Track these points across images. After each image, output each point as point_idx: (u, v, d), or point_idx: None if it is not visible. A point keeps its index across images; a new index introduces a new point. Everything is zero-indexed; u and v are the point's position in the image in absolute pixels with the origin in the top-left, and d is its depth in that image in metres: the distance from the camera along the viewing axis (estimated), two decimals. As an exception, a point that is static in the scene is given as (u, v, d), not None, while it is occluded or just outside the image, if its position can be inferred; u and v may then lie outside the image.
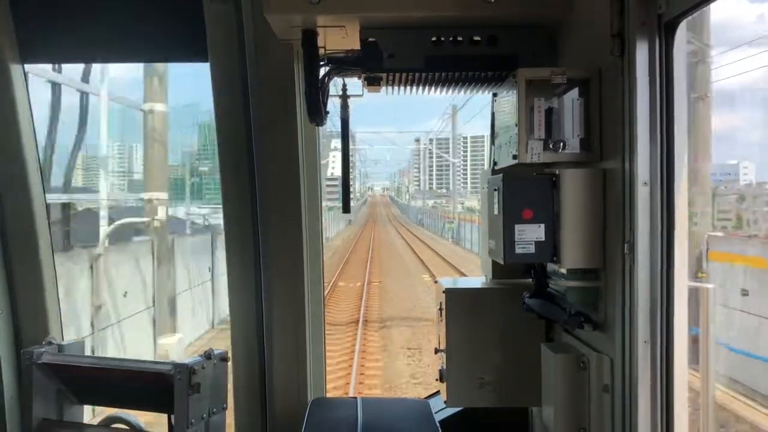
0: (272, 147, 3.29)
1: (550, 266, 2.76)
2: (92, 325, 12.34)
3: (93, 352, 11.85)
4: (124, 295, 13.61)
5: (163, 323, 14.57)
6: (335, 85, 3.02)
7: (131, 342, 13.62)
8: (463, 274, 23.57)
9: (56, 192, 12.25)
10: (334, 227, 57.02)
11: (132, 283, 14.09)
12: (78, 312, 11.83)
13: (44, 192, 3.56)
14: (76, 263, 12.08)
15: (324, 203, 3.75)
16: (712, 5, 2.02)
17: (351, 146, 3.26)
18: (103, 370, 3.05)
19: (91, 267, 12.48)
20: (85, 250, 12.74)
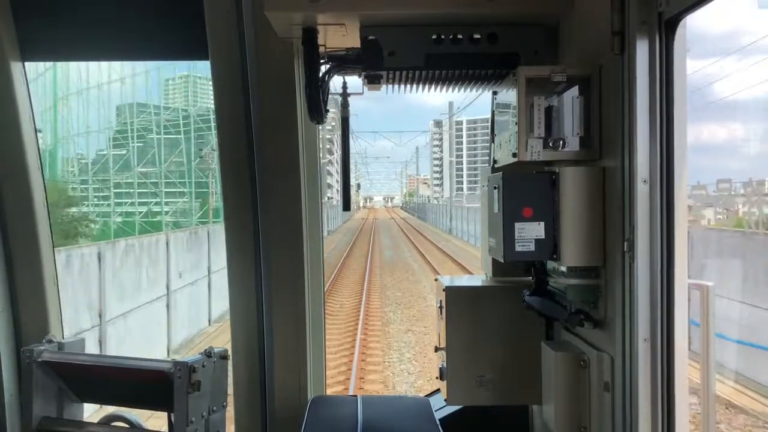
0: (273, 145, 3.29)
1: (550, 264, 2.76)
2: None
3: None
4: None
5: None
6: (334, 84, 3.02)
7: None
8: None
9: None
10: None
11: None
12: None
13: (45, 189, 3.56)
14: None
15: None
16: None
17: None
18: (103, 368, 3.05)
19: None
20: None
